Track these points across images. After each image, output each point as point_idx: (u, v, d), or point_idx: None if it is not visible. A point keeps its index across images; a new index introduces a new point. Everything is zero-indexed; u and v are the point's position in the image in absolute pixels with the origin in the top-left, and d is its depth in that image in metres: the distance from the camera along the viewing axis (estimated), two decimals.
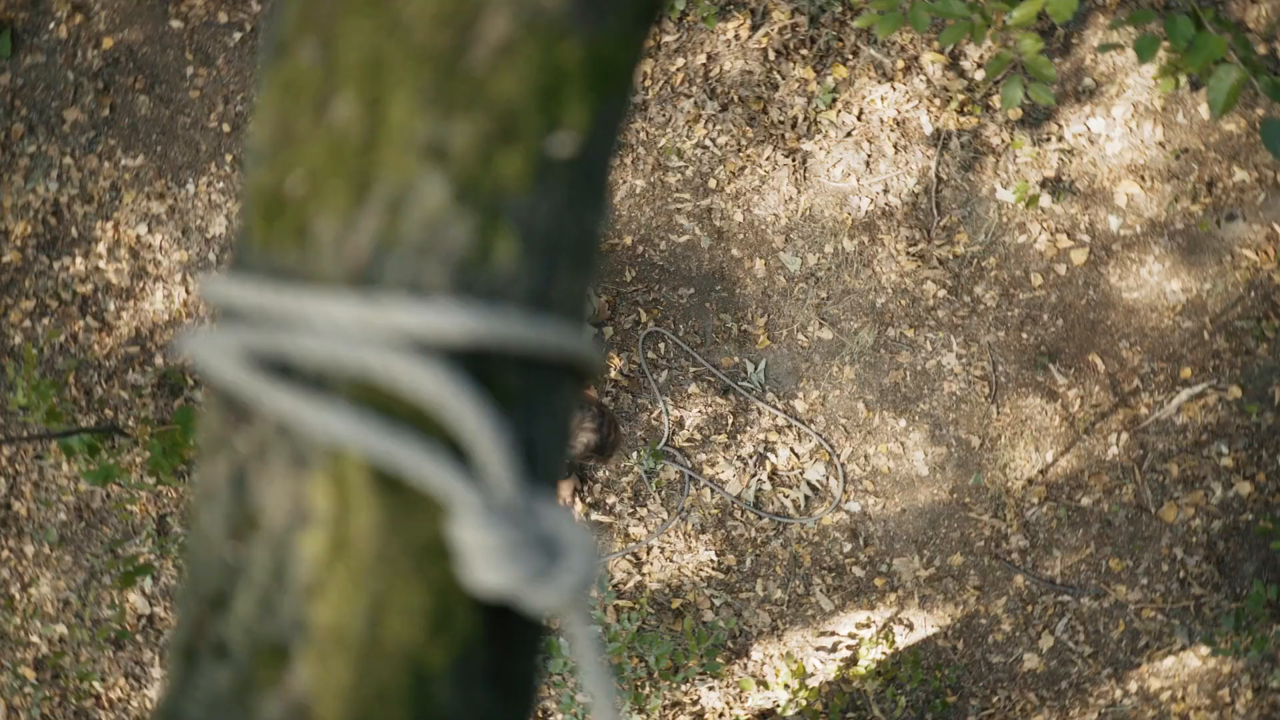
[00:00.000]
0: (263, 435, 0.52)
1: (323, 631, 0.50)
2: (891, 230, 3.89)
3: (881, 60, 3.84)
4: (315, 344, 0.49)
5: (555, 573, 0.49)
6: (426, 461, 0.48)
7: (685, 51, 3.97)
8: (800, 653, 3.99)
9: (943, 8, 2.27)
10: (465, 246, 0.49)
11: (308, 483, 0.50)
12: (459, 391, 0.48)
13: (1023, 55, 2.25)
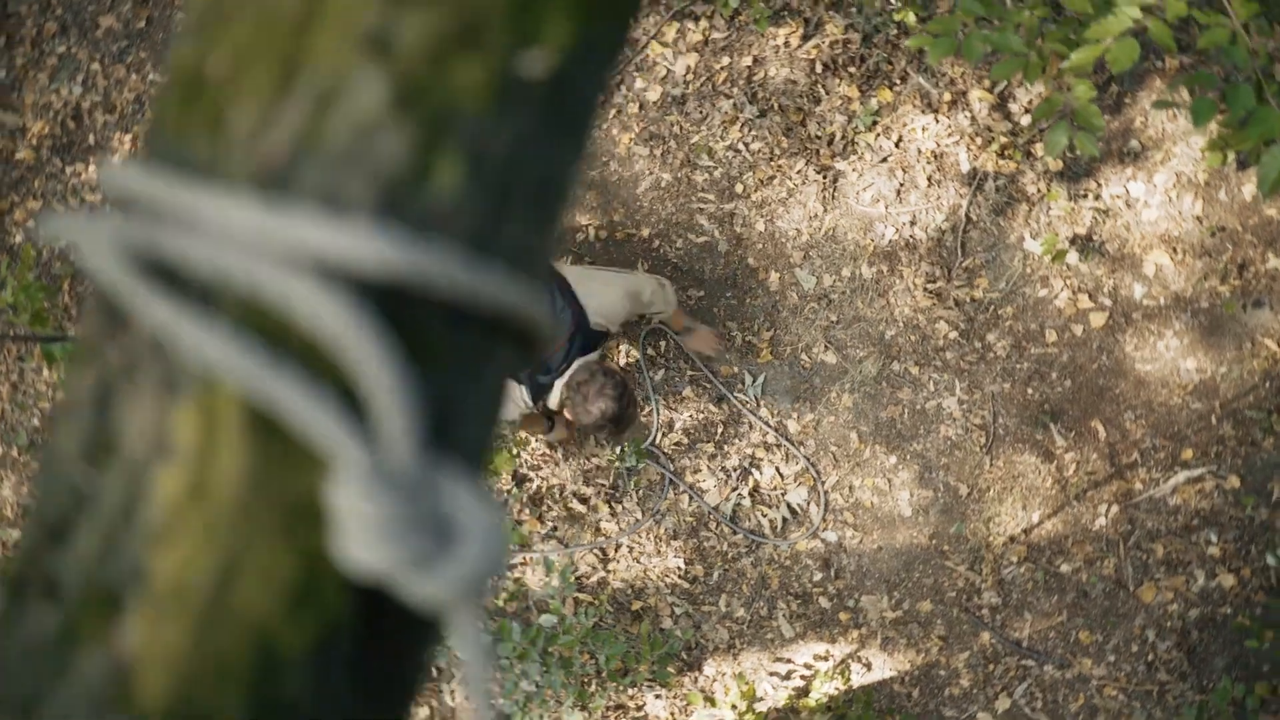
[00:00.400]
0: (135, 350, 0.44)
1: (163, 585, 0.42)
2: (912, 263, 3.81)
3: (929, 90, 3.75)
4: (204, 250, 0.41)
5: (442, 561, 0.42)
6: (311, 406, 0.40)
7: (732, 51, 3.88)
8: (753, 675, 3.91)
9: (999, 40, 2.19)
10: (399, 163, 0.41)
11: (174, 411, 0.43)
12: (362, 330, 0.40)
13: (1074, 102, 2.17)
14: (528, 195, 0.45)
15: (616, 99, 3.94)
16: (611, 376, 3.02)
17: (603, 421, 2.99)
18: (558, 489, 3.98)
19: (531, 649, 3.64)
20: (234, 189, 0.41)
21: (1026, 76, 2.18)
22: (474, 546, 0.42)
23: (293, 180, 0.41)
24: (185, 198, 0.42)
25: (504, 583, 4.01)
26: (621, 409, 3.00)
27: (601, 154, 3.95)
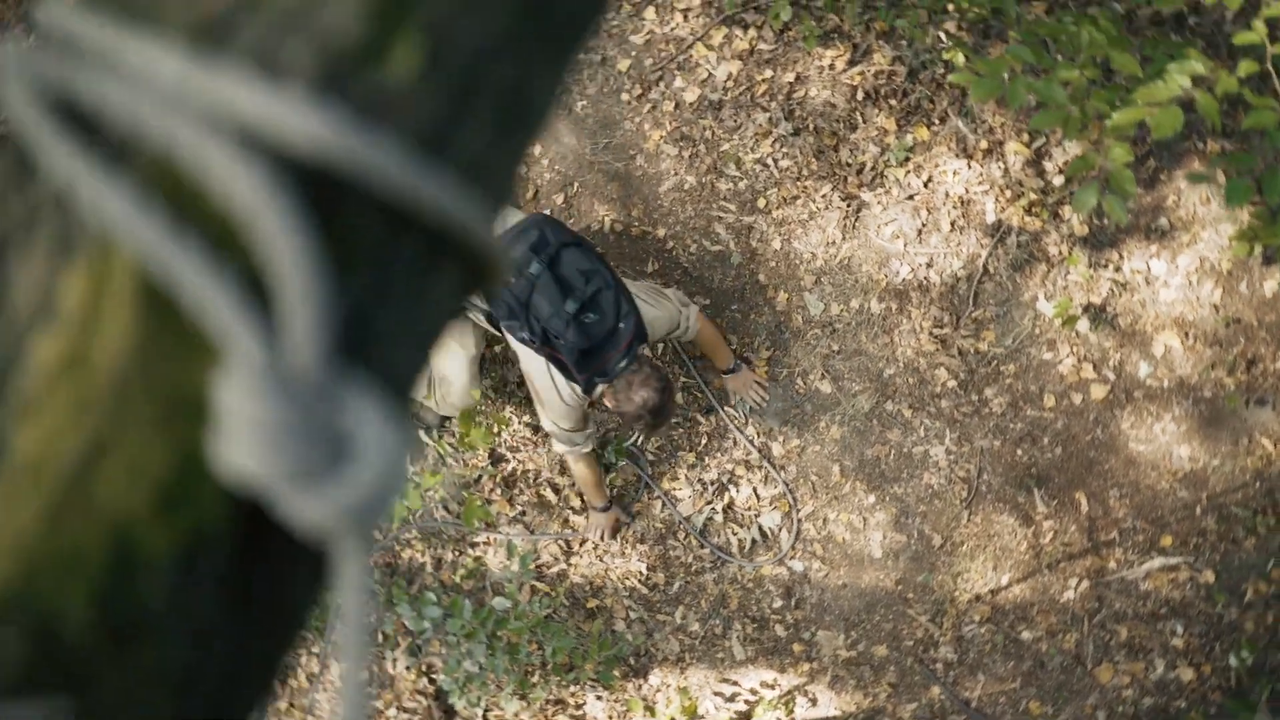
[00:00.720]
0: (38, 202, 0.40)
1: (21, 460, 0.38)
2: (922, 305, 3.77)
3: (966, 135, 3.71)
4: (123, 96, 0.37)
5: (330, 481, 0.37)
6: (211, 286, 0.36)
7: (776, 65, 3.84)
8: (697, 692, 3.87)
9: (1044, 90, 2.15)
10: (350, 34, 0.37)
11: (64, 273, 0.39)
12: (281, 210, 0.36)
13: (1109, 164, 2.13)
14: (493, 102, 0.41)
15: (653, 94, 3.90)
16: (656, 369, 3.03)
17: (643, 411, 2.97)
18: (533, 474, 3.94)
19: (480, 629, 3.59)
20: (164, 36, 0.37)
21: (1066, 132, 2.14)
22: (367, 472, 0.37)
23: (229, 35, 0.37)
24: (113, 40, 0.38)
25: (465, 563, 3.97)
26: (663, 401, 2.99)
27: (630, 147, 3.91)
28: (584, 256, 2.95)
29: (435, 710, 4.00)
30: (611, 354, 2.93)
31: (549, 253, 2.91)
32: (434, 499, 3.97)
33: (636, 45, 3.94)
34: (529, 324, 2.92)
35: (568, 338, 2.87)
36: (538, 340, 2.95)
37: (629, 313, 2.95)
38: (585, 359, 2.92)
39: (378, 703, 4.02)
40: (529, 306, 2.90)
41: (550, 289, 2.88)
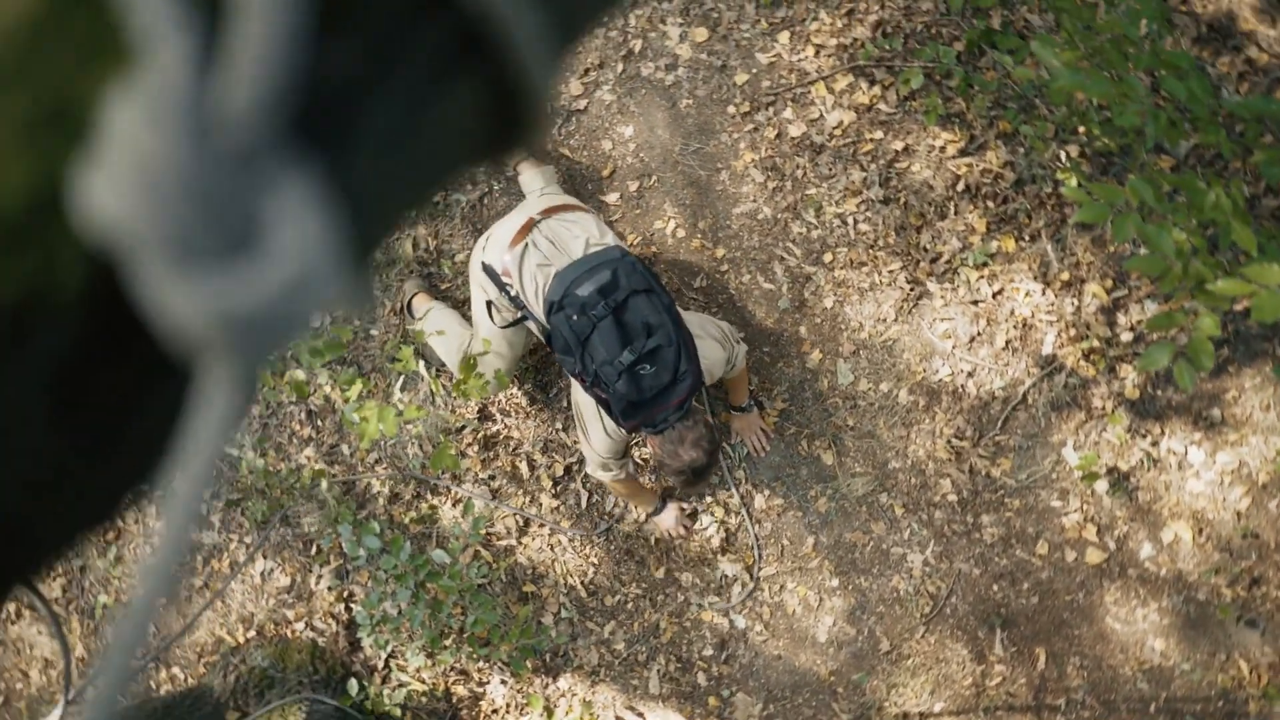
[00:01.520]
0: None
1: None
2: (950, 412, 3.66)
3: (1052, 261, 3.60)
4: None
5: (219, 267, 0.28)
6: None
7: (889, 129, 3.75)
8: (601, 710, 3.76)
9: (1153, 235, 2.04)
10: None
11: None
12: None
13: (1193, 330, 2.02)
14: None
15: (759, 117, 3.82)
16: (708, 429, 2.97)
17: (686, 470, 2.92)
18: (515, 442, 3.85)
19: (411, 575, 3.50)
20: None
21: (1161, 284, 2.04)
22: (273, 273, 0.28)
23: None
24: None
25: (420, 506, 3.88)
26: (709, 464, 2.95)
27: (719, 160, 3.83)
28: (652, 307, 2.87)
29: (342, 639, 3.91)
30: (661, 407, 2.86)
31: (616, 298, 2.84)
32: (411, 433, 3.89)
33: (760, 64, 3.85)
34: (583, 363, 2.87)
35: (618, 388, 2.82)
36: (589, 380, 2.90)
37: (687, 372, 2.88)
38: (632, 410, 2.86)
39: (289, 612, 3.93)
40: (586, 345, 2.84)
41: (610, 335, 2.81)
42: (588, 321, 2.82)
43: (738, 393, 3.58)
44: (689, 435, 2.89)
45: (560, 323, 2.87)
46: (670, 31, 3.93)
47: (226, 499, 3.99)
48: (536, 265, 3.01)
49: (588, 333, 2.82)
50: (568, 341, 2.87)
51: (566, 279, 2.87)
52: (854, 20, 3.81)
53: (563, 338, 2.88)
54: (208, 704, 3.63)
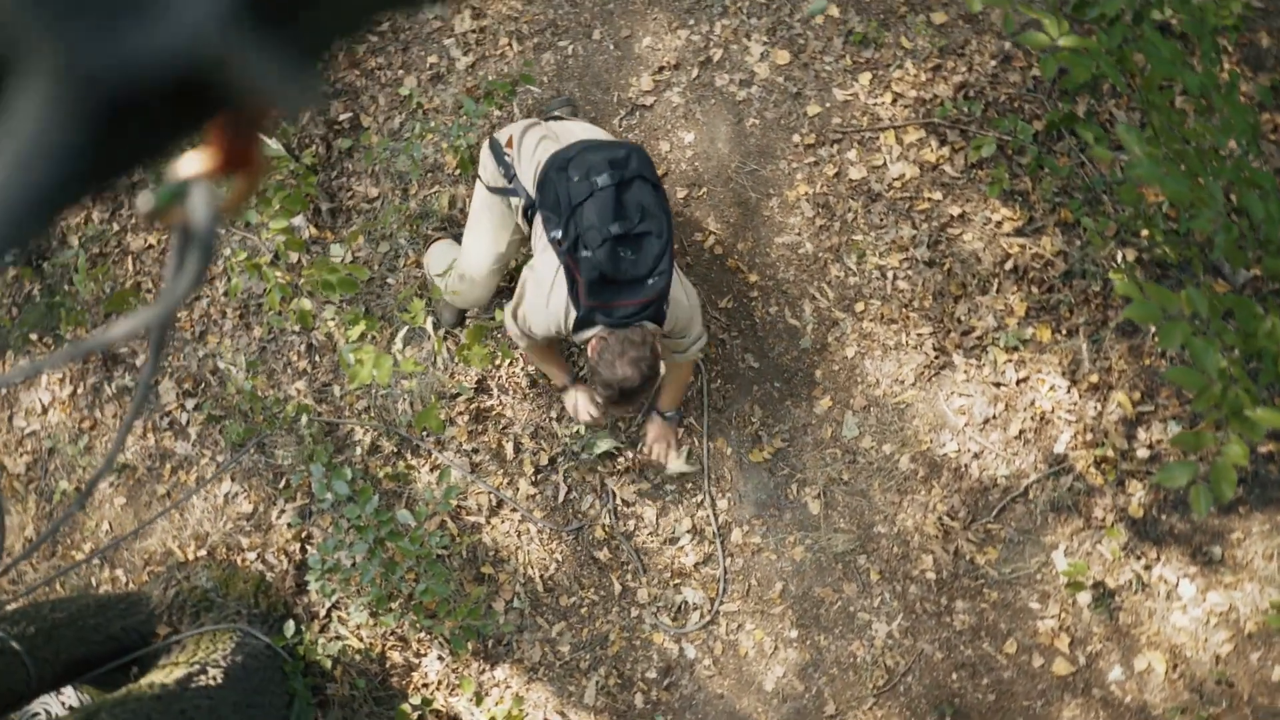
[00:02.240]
0: None
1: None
2: (947, 489, 3.56)
3: (1084, 361, 3.51)
4: None
5: None
6: None
7: (950, 192, 3.66)
8: (532, 710, 3.67)
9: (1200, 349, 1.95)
10: None
11: None
12: None
13: (1219, 456, 1.92)
14: None
15: (822, 151, 3.74)
16: (655, 355, 2.80)
17: (615, 384, 2.75)
18: (507, 422, 3.77)
19: (372, 530, 3.42)
20: None
21: (1196, 402, 1.94)
22: None
23: None
24: None
25: (397, 464, 3.81)
26: (639, 388, 2.77)
27: (772, 185, 3.75)
28: (655, 199, 2.78)
29: (290, 578, 3.83)
30: (626, 300, 2.74)
31: (624, 174, 2.74)
32: (404, 388, 3.81)
33: (835, 100, 3.78)
34: (567, 226, 2.74)
35: (596, 256, 2.69)
36: (566, 244, 2.75)
37: (664, 273, 2.75)
38: (600, 286, 2.73)
39: (244, 540, 3.86)
40: (577, 210, 2.72)
41: (606, 205, 2.70)
42: (587, 187, 2.71)
43: (670, 394, 3.41)
44: (631, 350, 2.73)
45: (559, 180, 2.76)
46: (752, 48, 3.86)
47: (209, 412, 3.93)
48: (540, 138, 2.93)
49: (583, 198, 2.71)
50: (559, 200, 2.75)
51: (582, 144, 2.79)
52: (939, 76, 3.74)
53: (555, 195, 2.76)
54: (141, 612, 3.55)
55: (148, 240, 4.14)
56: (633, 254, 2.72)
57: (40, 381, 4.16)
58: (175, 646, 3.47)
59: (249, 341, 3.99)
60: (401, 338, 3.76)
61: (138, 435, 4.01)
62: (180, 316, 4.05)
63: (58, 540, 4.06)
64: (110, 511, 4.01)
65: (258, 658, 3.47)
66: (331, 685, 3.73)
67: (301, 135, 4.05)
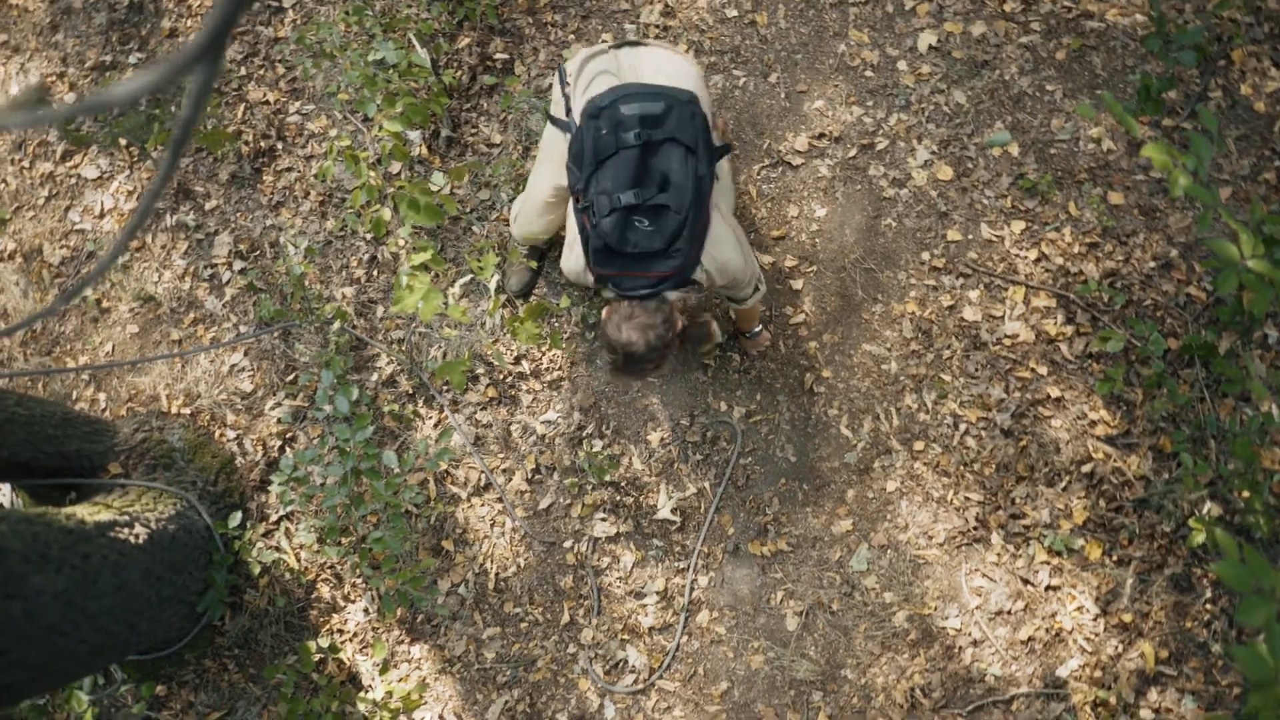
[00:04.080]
0: None
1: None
2: (931, 662, 3.30)
3: (1123, 595, 3.24)
4: None
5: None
6: None
7: (1056, 372, 3.44)
8: (431, 701, 3.46)
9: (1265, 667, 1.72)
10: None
11: None
12: None
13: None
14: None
15: (944, 279, 3.54)
16: (669, 329, 2.57)
17: (619, 349, 2.56)
18: (527, 408, 3.59)
19: (352, 458, 3.25)
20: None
21: (1254, 694, 1.70)
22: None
23: None
24: None
25: (406, 406, 3.65)
26: (642, 358, 2.57)
27: (881, 290, 3.56)
28: (684, 168, 2.46)
29: (257, 471, 3.68)
30: (635, 273, 2.51)
31: (654, 135, 2.45)
32: (443, 335, 3.66)
33: (979, 235, 3.58)
34: (586, 183, 2.49)
35: (603, 224, 2.45)
36: (582, 205, 2.52)
37: (680, 252, 2.49)
38: (605, 256, 2.50)
39: (230, 416, 3.71)
40: (599, 168, 2.47)
41: (626, 168, 2.44)
42: (613, 142, 2.45)
43: (747, 320, 3.28)
44: (640, 318, 2.53)
45: (588, 131, 2.50)
46: (919, 152, 3.68)
47: (251, 281, 3.81)
48: (599, 71, 2.67)
49: (606, 155, 2.45)
50: (584, 153, 2.50)
51: (620, 91, 2.50)
52: (1092, 254, 3.52)
53: (581, 147, 2.51)
54: (102, 442, 3.42)
55: (266, 95, 4.04)
56: (649, 225, 2.46)
57: (110, 184, 4.07)
58: (118, 489, 3.32)
59: (318, 230, 3.86)
60: (461, 285, 3.61)
61: (176, 275, 3.90)
62: (265, 181, 3.95)
63: (56, 344, 3.95)
64: (119, 334, 3.89)
65: (191, 534, 3.31)
66: (251, 592, 3.55)
67: (452, 54, 3.94)
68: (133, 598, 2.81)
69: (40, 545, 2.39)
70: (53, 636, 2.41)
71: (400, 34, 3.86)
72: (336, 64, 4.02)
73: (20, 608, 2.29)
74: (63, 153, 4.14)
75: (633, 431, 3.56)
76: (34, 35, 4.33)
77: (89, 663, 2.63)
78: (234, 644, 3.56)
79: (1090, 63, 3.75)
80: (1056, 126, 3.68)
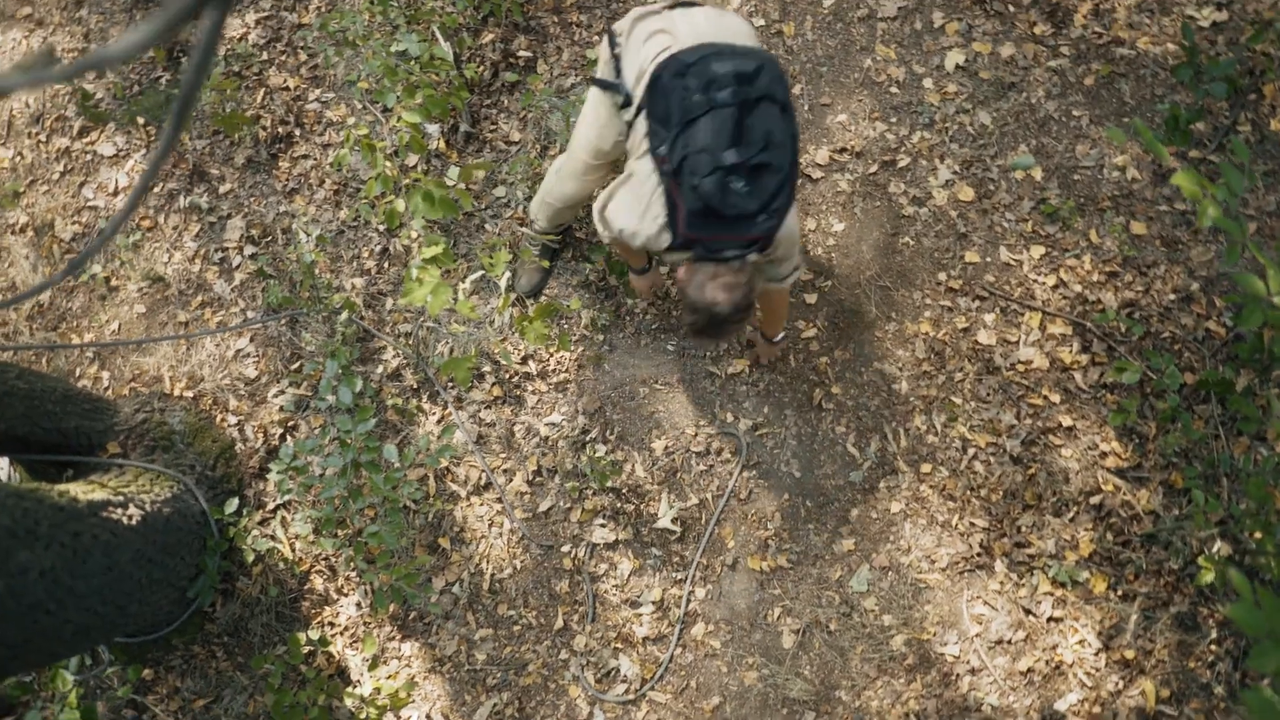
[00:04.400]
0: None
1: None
2: (927, 688, 3.25)
3: (1127, 631, 3.19)
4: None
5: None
6: None
7: (1068, 401, 3.39)
8: (419, 700, 3.41)
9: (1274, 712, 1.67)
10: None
11: None
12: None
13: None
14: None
15: (961, 302, 3.49)
16: (752, 291, 2.52)
17: (705, 310, 2.50)
18: (532, 409, 3.56)
19: (353, 450, 3.22)
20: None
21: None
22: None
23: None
24: None
25: (410, 401, 3.61)
26: (726, 318, 2.51)
27: (896, 310, 3.51)
28: (783, 125, 2.39)
29: (257, 459, 3.65)
30: (729, 235, 2.42)
31: (750, 93, 2.35)
32: (450, 330, 3.62)
33: (998, 258, 3.54)
34: (674, 144, 2.39)
35: (703, 186, 2.35)
36: (671, 164, 2.41)
37: (777, 211, 2.41)
38: (703, 220, 2.40)
39: (233, 402, 3.68)
40: (687, 128, 2.37)
41: (724, 126, 2.33)
42: (705, 102, 2.34)
43: (774, 321, 3.23)
44: (725, 277, 2.45)
45: (674, 88, 2.39)
46: (941, 171, 3.63)
47: (261, 266, 3.78)
48: (653, 32, 2.58)
49: (698, 114, 2.35)
50: (670, 114, 2.39)
51: (707, 49, 2.41)
52: (1112, 283, 3.47)
53: (666, 107, 2.40)
54: (102, 421, 3.39)
55: (287, 81, 4.02)
56: (746, 186, 2.37)
57: (125, 163, 4.05)
58: (115, 469, 3.29)
59: (331, 219, 3.84)
60: (471, 281, 3.58)
61: (186, 257, 3.87)
62: (281, 166, 3.92)
63: (63, 319, 3.92)
64: (126, 313, 3.87)
65: (186, 518, 3.27)
66: (244, 580, 3.52)
67: (475, 49, 3.92)
68: (122, 579, 2.77)
69: (29, 521, 2.36)
70: (36, 615, 2.37)
71: (424, 26, 3.83)
72: (358, 53, 3.99)
73: (4, 584, 2.26)
74: (80, 128, 4.12)
75: (637, 438, 3.52)
76: (58, 9, 4.32)
77: (74, 643, 2.59)
78: (224, 631, 3.52)
79: (1119, 90, 3.71)
80: (1081, 152, 3.64)
